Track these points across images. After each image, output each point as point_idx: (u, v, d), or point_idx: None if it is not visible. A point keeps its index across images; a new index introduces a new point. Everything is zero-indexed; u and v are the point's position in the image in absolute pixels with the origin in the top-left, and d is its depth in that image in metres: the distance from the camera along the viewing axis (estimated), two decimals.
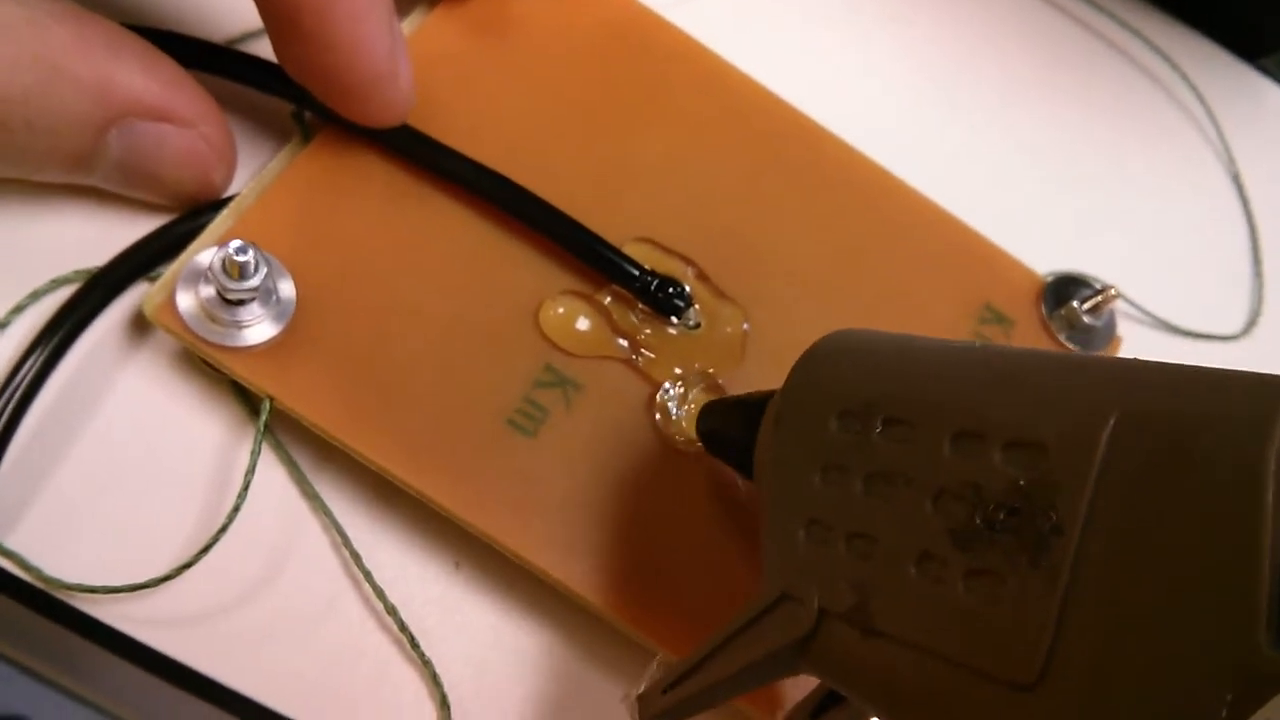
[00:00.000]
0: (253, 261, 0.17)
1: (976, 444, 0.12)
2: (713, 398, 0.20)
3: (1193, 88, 0.30)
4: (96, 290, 0.19)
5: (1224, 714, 0.09)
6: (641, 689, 0.16)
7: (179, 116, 0.18)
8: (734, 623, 0.15)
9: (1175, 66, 0.30)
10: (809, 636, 0.14)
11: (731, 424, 0.18)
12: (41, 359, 0.18)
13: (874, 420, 0.14)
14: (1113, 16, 0.31)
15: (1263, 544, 0.09)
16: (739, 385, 0.20)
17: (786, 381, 0.16)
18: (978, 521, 0.12)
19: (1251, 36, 0.31)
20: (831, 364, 0.15)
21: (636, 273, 0.20)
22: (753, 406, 0.17)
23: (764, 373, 0.21)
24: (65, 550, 0.18)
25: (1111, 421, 0.11)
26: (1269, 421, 0.10)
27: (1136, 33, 0.30)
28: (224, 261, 0.17)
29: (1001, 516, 0.12)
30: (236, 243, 0.17)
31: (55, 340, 0.18)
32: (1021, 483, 0.12)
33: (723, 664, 0.15)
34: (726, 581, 0.19)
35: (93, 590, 0.17)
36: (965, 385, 0.13)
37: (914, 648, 0.12)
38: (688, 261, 0.21)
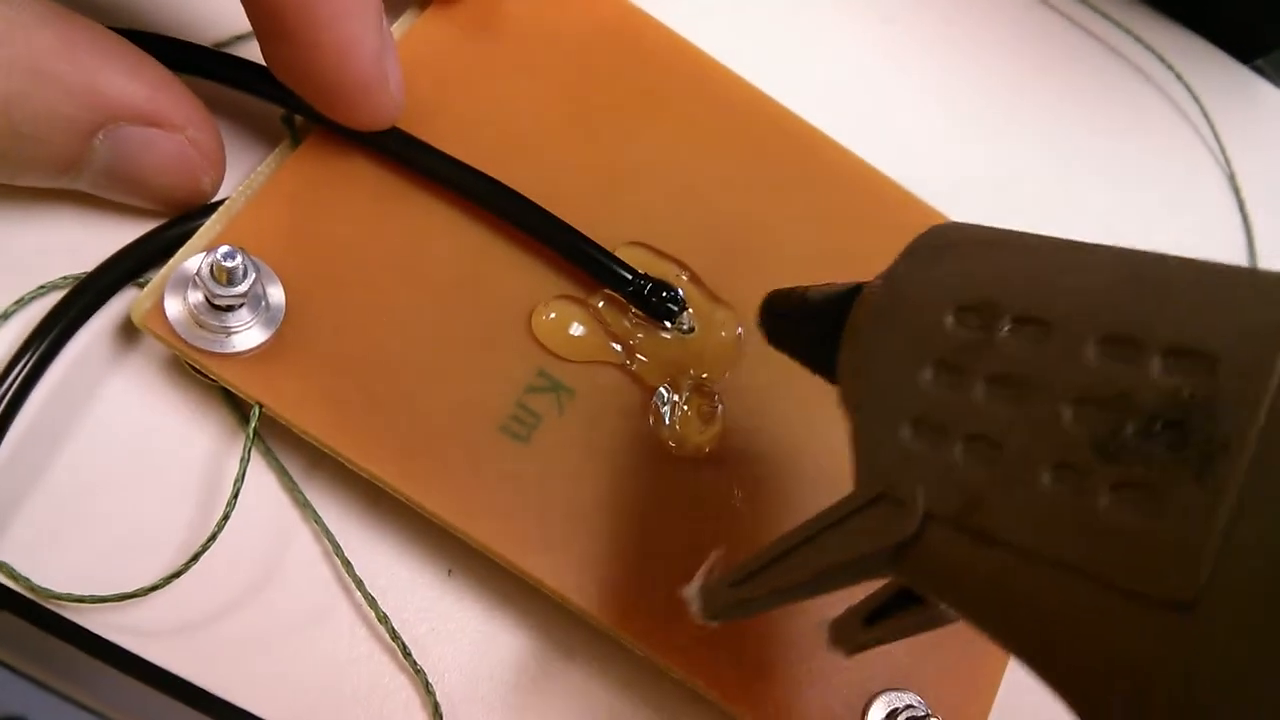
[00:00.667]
0: (241, 267, 0.17)
1: (1129, 350, 0.11)
2: (705, 404, 0.20)
3: (1188, 88, 0.30)
4: (84, 296, 0.19)
5: None
6: (700, 581, 0.15)
7: (167, 121, 0.18)
8: (819, 520, 0.14)
9: (1170, 67, 0.30)
10: (910, 540, 0.13)
11: (809, 316, 0.16)
12: (29, 366, 0.18)
13: (1000, 318, 0.13)
14: (1108, 17, 0.30)
15: None
16: (733, 390, 0.20)
17: (890, 271, 0.15)
18: (1129, 433, 0.11)
19: (1247, 37, 0.31)
20: (948, 256, 0.14)
21: (629, 277, 0.20)
22: (839, 296, 0.16)
23: (759, 377, 0.21)
24: (54, 559, 0.17)
25: None
26: None
27: (1131, 33, 0.30)
28: (212, 267, 0.17)
29: (1159, 428, 0.11)
30: (225, 248, 0.17)
31: (43, 347, 0.18)
32: (1187, 394, 0.11)
33: (803, 563, 0.14)
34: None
35: (81, 600, 0.17)
36: (1113, 286, 0.12)
37: (1040, 560, 0.12)
38: (681, 265, 0.21)
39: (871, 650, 0.15)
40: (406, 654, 0.18)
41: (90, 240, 0.19)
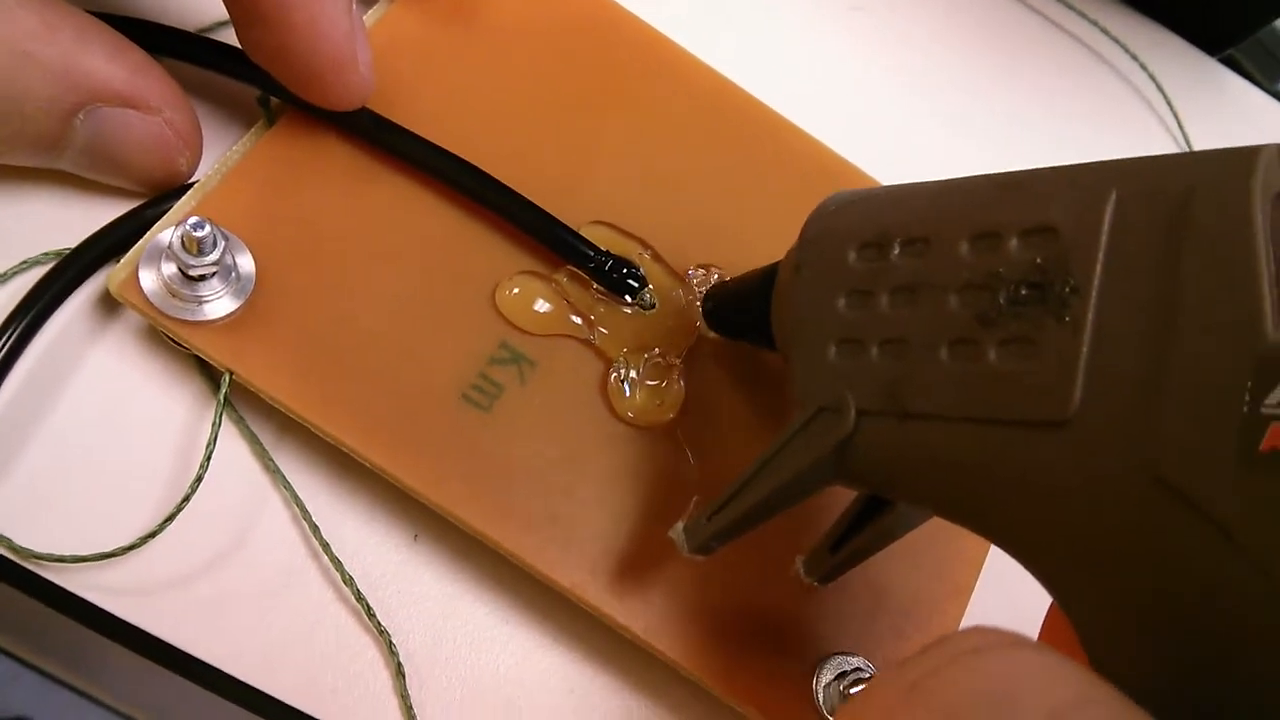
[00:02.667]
0: (210, 237, 0.18)
1: (993, 240, 0.14)
2: (664, 377, 0.20)
3: (1153, 79, 0.31)
4: (66, 273, 0.19)
5: (1246, 399, 0.10)
6: (683, 523, 0.18)
7: (145, 103, 0.19)
8: (772, 446, 0.16)
9: (1135, 58, 0.31)
10: (849, 438, 0.15)
11: (744, 295, 0.19)
12: (13, 339, 0.19)
13: (891, 245, 0.15)
14: (1074, 8, 0.31)
15: (1258, 251, 0.11)
16: (692, 364, 0.21)
17: (801, 235, 0.17)
18: (1002, 301, 0.13)
19: (1213, 29, 0.32)
20: (843, 210, 0.17)
21: (591, 253, 0.21)
22: (762, 276, 0.19)
23: (717, 351, 0.21)
24: (36, 522, 0.18)
25: (1113, 195, 0.13)
26: (1250, 159, 0.11)
27: (1098, 25, 0.31)
28: (183, 238, 0.18)
29: (1024, 292, 0.13)
30: (194, 219, 0.18)
31: (27, 320, 0.19)
32: (1039, 260, 0.13)
33: (765, 483, 0.16)
34: (678, 553, 0.20)
35: (61, 560, 0.18)
36: (974, 197, 0.15)
37: (950, 419, 0.14)
38: (643, 244, 0.22)
39: (824, 616, 0.19)
40: (371, 615, 0.19)
41: (71, 218, 0.20)
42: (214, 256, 0.18)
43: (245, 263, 0.19)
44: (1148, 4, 0.32)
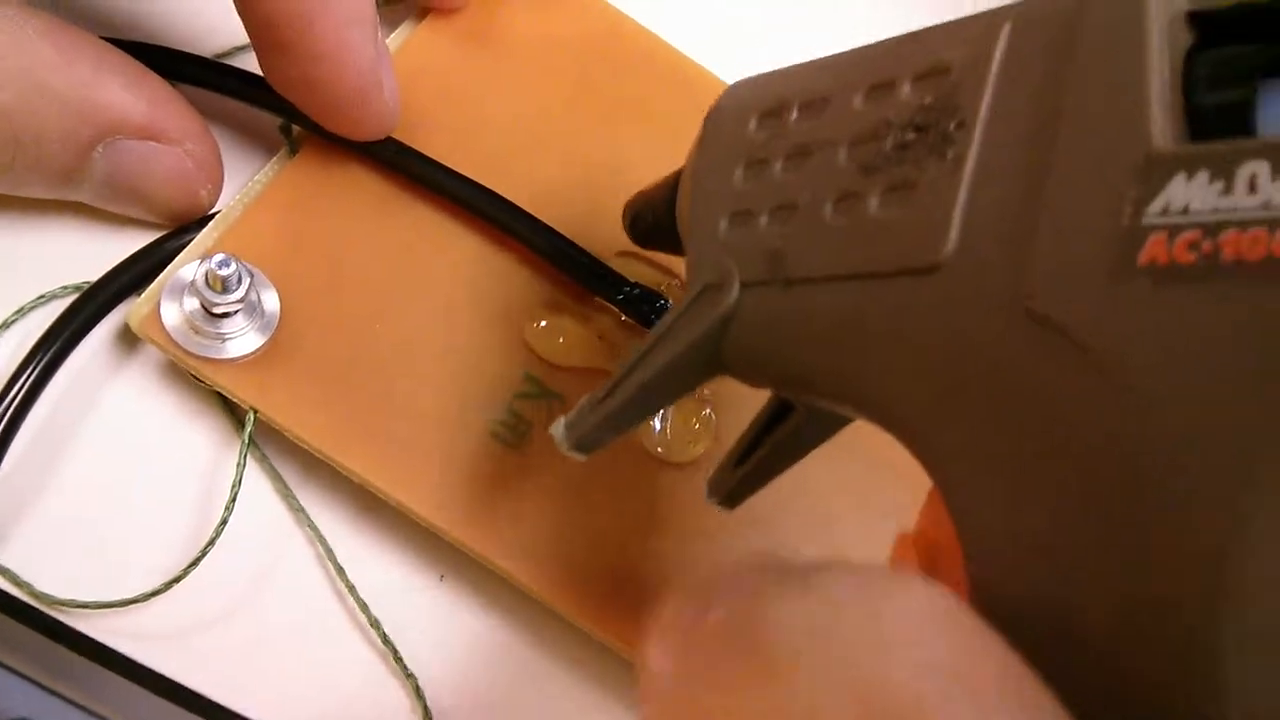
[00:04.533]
0: (235, 275, 0.18)
1: (887, 91, 0.13)
2: (695, 412, 0.20)
3: None
4: (86, 308, 0.19)
5: (1128, 211, 0.10)
6: (564, 417, 0.16)
7: (165, 134, 0.19)
8: (659, 326, 0.15)
9: None
10: (732, 313, 0.14)
11: (656, 195, 0.18)
12: (33, 376, 0.18)
13: (790, 110, 0.14)
14: None
15: (1148, 54, 0.10)
16: (719, 397, 0.20)
17: (707, 114, 0.16)
18: (888, 147, 0.12)
19: None
20: (747, 85, 0.16)
21: (620, 285, 0.20)
22: (670, 179, 0.18)
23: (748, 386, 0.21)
24: (56, 565, 0.18)
25: (1006, 28, 0.12)
26: None
27: None
28: (207, 275, 0.18)
29: (910, 136, 0.12)
30: (219, 256, 0.18)
31: (46, 358, 0.18)
32: (927, 100, 0.12)
33: (648, 366, 0.15)
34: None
35: (83, 606, 0.17)
36: (873, 53, 0.14)
37: (829, 280, 0.13)
38: (671, 274, 0.21)
39: None
40: (398, 658, 0.18)
41: (90, 250, 0.20)
42: (239, 294, 0.18)
43: (269, 299, 0.19)
44: None
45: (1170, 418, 0.09)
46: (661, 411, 0.20)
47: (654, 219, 0.18)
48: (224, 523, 0.18)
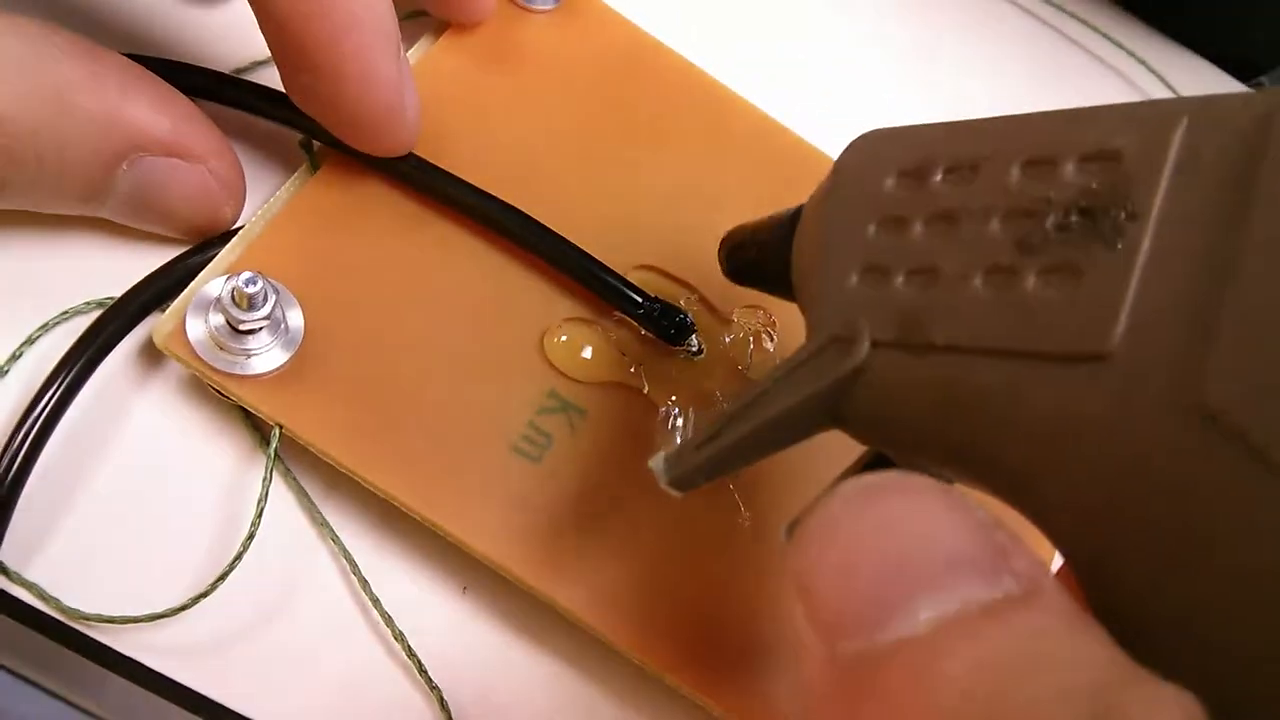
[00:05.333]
0: (262, 292, 0.18)
1: (1047, 167, 0.13)
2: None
3: None
4: (110, 323, 0.19)
5: None
6: (664, 452, 0.16)
7: (189, 152, 0.19)
8: (775, 371, 0.15)
9: (1171, 89, 0.31)
10: (859, 368, 0.14)
11: (766, 233, 0.18)
12: (59, 392, 0.18)
13: (934, 171, 0.14)
14: (1107, 36, 0.31)
15: None
16: None
17: (835, 164, 0.16)
18: (1049, 227, 0.12)
19: (1245, 56, 0.31)
20: (885, 138, 0.15)
21: (640, 300, 0.20)
22: (787, 214, 0.17)
23: None
24: (83, 580, 0.18)
25: (1184, 122, 0.12)
26: None
27: (1133, 53, 0.31)
28: (233, 292, 0.18)
29: (1074, 218, 0.12)
30: (246, 274, 0.18)
31: (73, 373, 0.18)
32: (1095, 185, 0.12)
33: (761, 411, 0.15)
34: (732, 606, 0.19)
35: (111, 620, 0.17)
36: (1032, 125, 0.13)
37: (978, 352, 0.13)
38: (691, 288, 0.21)
39: None
40: (422, 671, 0.19)
41: (113, 266, 0.20)
42: (265, 311, 0.18)
43: (294, 315, 0.19)
44: (1180, 31, 0.32)
45: None
46: (683, 426, 0.20)
47: (759, 257, 0.18)
48: (251, 537, 0.18)
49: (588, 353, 0.20)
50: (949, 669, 0.08)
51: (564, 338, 0.20)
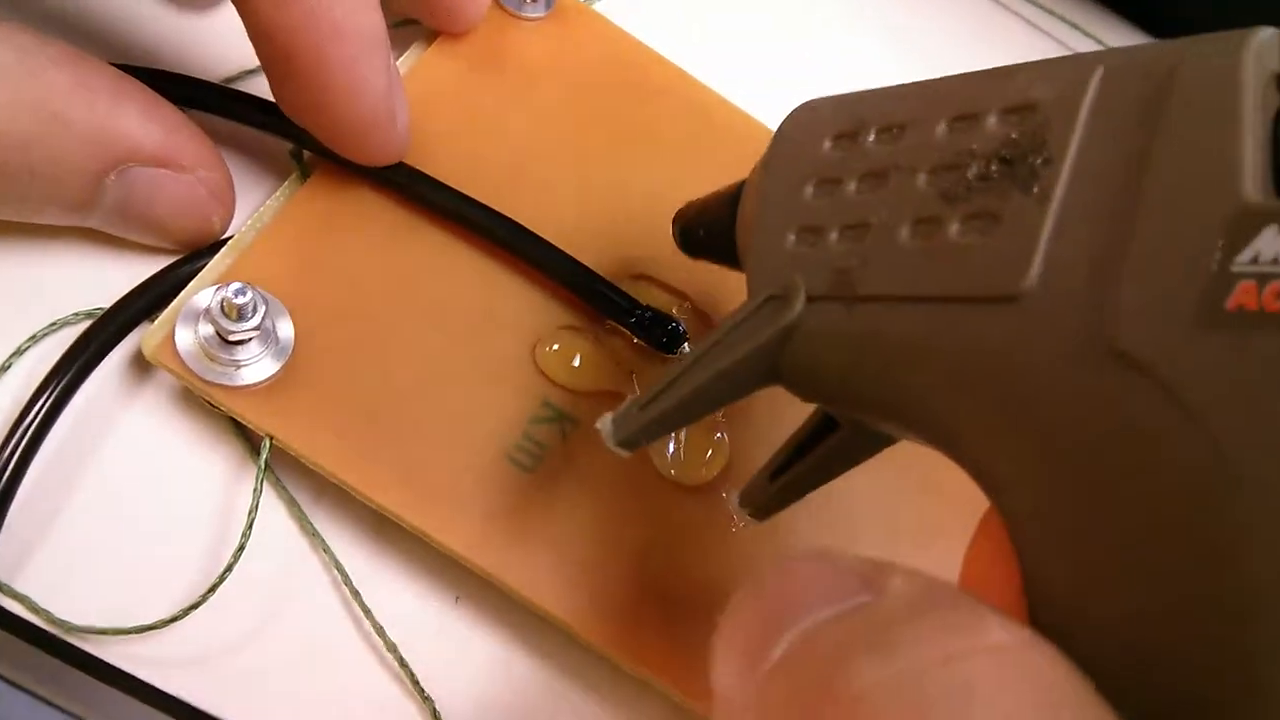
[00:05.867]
0: (251, 303, 0.18)
1: (971, 122, 0.13)
2: (708, 433, 0.20)
3: None
4: (100, 334, 0.19)
5: (1216, 258, 0.10)
6: (611, 414, 0.16)
7: (178, 162, 0.19)
8: (716, 331, 0.15)
9: None
10: (794, 325, 0.14)
11: (713, 206, 0.18)
12: (49, 403, 0.18)
13: (867, 132, 0.14)
14: (1100, 43, 0.31)
15: (1242, 111, 0.10)
16: (733, 419, 0.21)
17: (776, 130, 0.16)
18: (970, 176, 0.13)
19: None
20: (820, 106, 0.16)
21: (632, 308, 0.20)
22: (729, 190, 0.18)
23: (760, 407, 0.21)
24: (74, 592, 0.18)
25: (1099, 71, 0.12)
26: (1244, 34, 0.11)
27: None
28: (223, 303, 0.18)
29: (994, 167, 0.13)
30: (235, 285, 0.18)
31: (62, 383, 0.18)
32: (1014, 135, 0.12)
33: (702, 370, 0.15)
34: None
35: (101, 632, 0.17)
36: (957, 84, 0.14)
37: (901, 300, 0.13)
38: (683, 296, 0.21)
39: None
40: (414, 681, 0.19)
41: (102, 277, 0.20)
42: (254, 321, 0.18)
43: (284, 326, 0.19)
44: (1159, 27, 0.32)
45: (1245, 458, 0.10)
46: (674, 433, 0.20)
47: (709, 229, 0.18)
48: (241, 548, 0.18)
49: (580, 361, 0.20)
50: (806, 658, 0.10)
51: (556, 346, 0.20)
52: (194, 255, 0.20)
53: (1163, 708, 0.10)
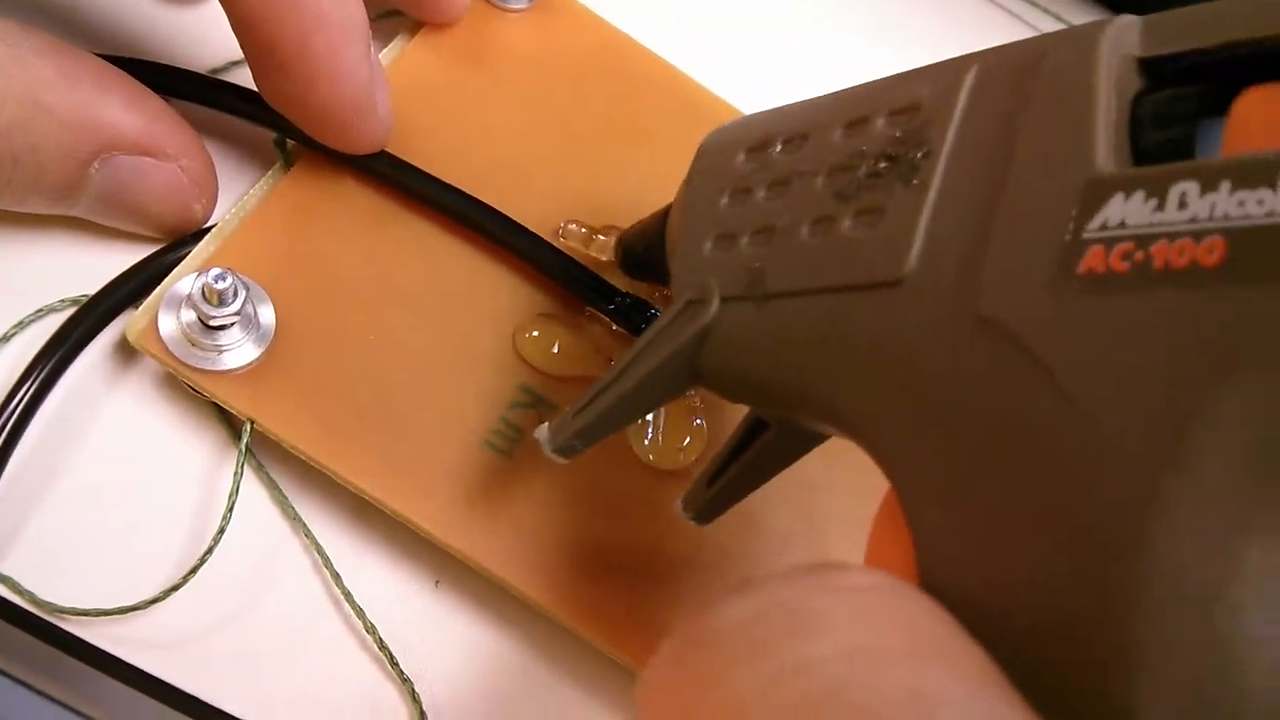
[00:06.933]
0: (231, 288, 0.18)
1: (863, 126, 0.14)
2: (686, 419, 0.20)
3: None
4: (85, 321, 0.19)
5: (1070, 228, 0.11)
6: (548, 423, 0.17)
7: (160, 151, 0.19)
8: (642, 339, 0.16)
9: None
10: (711, 325, 0.15)
11: (647, 227, 0.19)
12: (34, 388, 0.18)
13: (774, 144, 0.16)
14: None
15: (1096, 88, 0.11)
16: (712, 406, 0.21)
17: (698, 148, 0.18)
18: (861, 175, 0.14)
19: None
20: (740, 124, 0.17)
21: (611, 295, 0.20)
22: (663, 210, 0.19)
23: None
24: (57, 574, 0.18)
25: (975, 68, 0.13)
26: (1102, 24, 0.12)
27: None
28: (203, 288, 0.18)
29: (881, 165, 0.13)
30: (215, 270, 0.18)
31: (47, 370, 0.19)
32: (898, 134, 0.13)
33: (629, 377, 0.16)
34: (703, 598, 0.20)
35: (85, 613, 0.18)
36: (853, 93, 0.15)
37: (802, 293, 0.14)
38: (660, 285, 0.21)
39: None
40: (394, 663, 0.19)
41: (87, 264, 0.20)
42: (235, 307, 0.18)
43: (265, 311, 0.19)
44: None
45: (1101, 414, 0.10)
46: (653, 419, 0.20)
47: (645, 249, 0.19)
48: (222, 531, 0.18)
49: (559, 348, 0.20)
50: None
51: (536, 333, 0.20)
52: (178, 243, 0.20)
53: (1044, 670, 0.10)
